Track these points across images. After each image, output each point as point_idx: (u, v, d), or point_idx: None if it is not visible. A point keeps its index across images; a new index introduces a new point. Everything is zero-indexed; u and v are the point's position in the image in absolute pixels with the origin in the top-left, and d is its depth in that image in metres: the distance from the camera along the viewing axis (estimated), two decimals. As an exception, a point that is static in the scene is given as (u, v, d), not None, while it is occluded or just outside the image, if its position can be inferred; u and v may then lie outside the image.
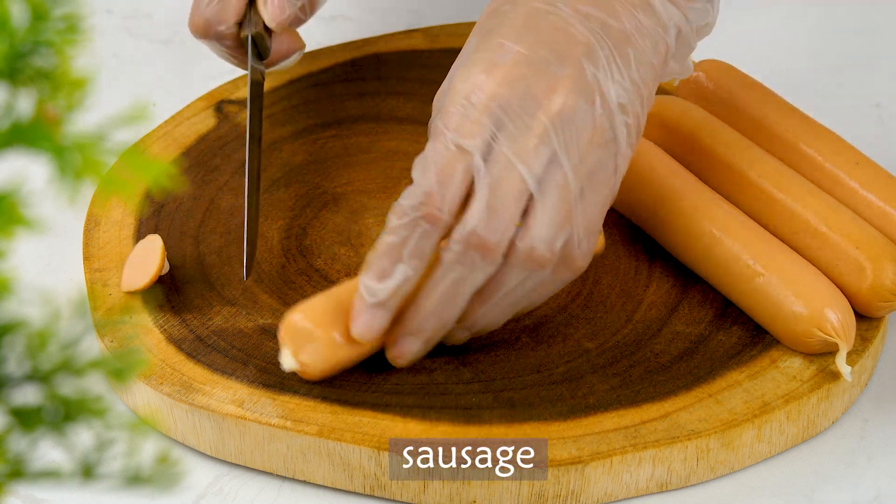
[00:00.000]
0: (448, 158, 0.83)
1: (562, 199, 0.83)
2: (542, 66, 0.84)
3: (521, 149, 0.83)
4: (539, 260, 0.84)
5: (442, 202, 0.83)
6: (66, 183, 0.51)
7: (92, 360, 0.54)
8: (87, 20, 0.52)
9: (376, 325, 0.85)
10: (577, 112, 0.83)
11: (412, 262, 0.83)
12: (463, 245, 0.83)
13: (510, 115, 0.83)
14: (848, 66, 1.18)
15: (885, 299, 0.91)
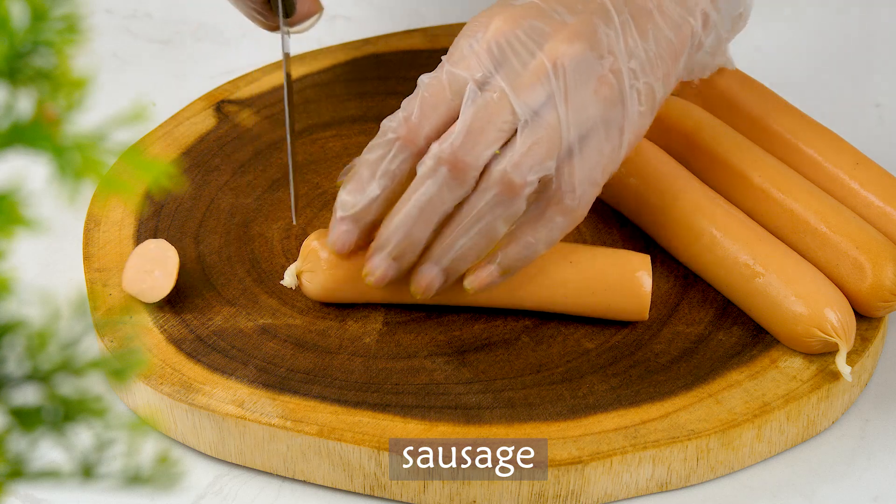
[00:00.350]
0: (437, 87, 0.85)
1: (547, 135, 0.84)
2: (552, 13, 0.85)
3: (517, 83, 0.84)
4: (509, 184, 0.84)
5: (419, 127, 0.85)
6: (66, 183, 0.51)
7: (92, 360, 0.54)
8: (87, 20, 0.52)
9: (346, 238, 0.88)
10: (582, 59, 0.84)
11: (382, 181, 0.86)
12: (435, 161, 0.84)
13: (512, 50, 0.84)
14: (848, 66, 1.18)
15: (885, 299, 0.91)
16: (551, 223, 0.86)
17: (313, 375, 0.89)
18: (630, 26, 0.85)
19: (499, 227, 0.86)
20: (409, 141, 0.85)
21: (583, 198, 0.85)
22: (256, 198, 1.01)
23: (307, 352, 0.91)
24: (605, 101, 0.85)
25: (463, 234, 0.86)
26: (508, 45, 0.84)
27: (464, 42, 0.86)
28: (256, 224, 0.99)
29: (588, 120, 0.84)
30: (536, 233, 0.86)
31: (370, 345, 0.91)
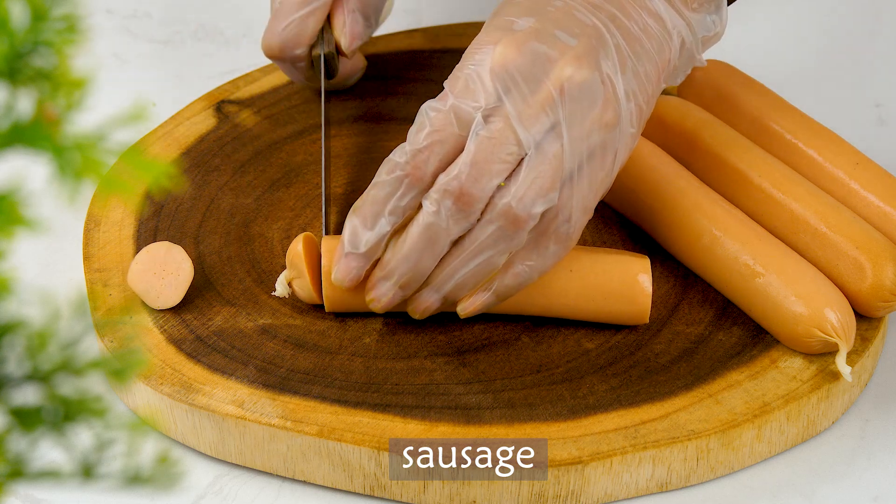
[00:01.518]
0: (443, 121, 0.85)
1: (551, 167, 0.84)
2: (553, 38, 0.84)
3: (523, 113, 0.83)
4: (513, 218, 0.84)
5: (426, 163, 0.85)
6: (66, 183, 0.51)
7: (92, 360, 0.54)
8: (87, 20, 0.52)
9: (353, 272, 0.88)
10: (587, 86, 0.84)
11: (391, 218, 0.86)
12: (441, 194, 0.84)
13: (517, 79, 0.84)
14: (848, 66, 1.18)
15: (884, 299, 0.91)
16: (545, 251, 0.86)
17: (313, 375, 0.89)
18: (623, 48, 0.86)
19: (500, 258, 0.86)
20: (417, 178, 0.85)
21: (576, 225, 0.86)
22: (256, 198, 1.01)
23: (307, 352, 0.91)
24: (603, 129, 0.85)
25: (464, 264, 0.87)
26: (514, 73, 0.84)
27: (467, 69, 0.85)
28: (256, 224, 0.99)
29: (588, 147, 0.84)
30: (530, 261, 0.87)
31: (370, 345, 0.91)
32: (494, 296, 0.88)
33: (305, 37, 1.02)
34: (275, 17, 1.02)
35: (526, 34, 0.85)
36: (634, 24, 0.86)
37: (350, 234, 0.87)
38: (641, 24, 0.86)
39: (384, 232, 0.86)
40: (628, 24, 0.86)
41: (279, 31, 1.02)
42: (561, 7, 0.86)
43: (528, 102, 0.83)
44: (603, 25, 0.85)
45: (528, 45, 0.84)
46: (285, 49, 1.02)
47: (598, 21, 0.85)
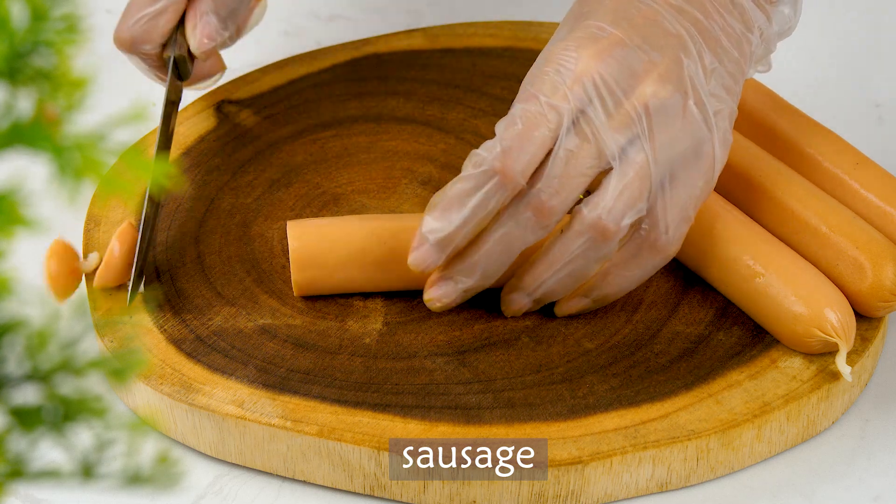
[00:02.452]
0: (534, 120, 0.85)
1: (638, 178, 0.84)
2: (639, 51, 0.85)
3: (606, 125, 0.84)
4: (602, 230, 0.85)
5: (517, 162, 0.85)
6: (66, 183, 0.51)
7: (92, 360, 0.54)
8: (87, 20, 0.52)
9: (430, 261, 0.88)
10: (669, 100, 0.85)
11: (475, 213, 0.86)
12: (524, 205, 0.85)
13: (601, 89, 0.84)
14: (848, 66, 1.18)
15: (884, 299, 0.91)
16: (644, 262, 0.88)
17: (313, 375, 0.89)
18: (705, 53, 0.86)
19: (591, 268, 0.87)
20: (507, 178, 0.85)
21: (675, 235, 0.87)
22: (256, 198, 1.01)
23: (307, 352, 0.91)
24: (692, 136, 0.85)
25: (554, 273, 0.88)
26: (599, 84, 0.84)
27: (551, 72, 0.85)
28: (256, 224, 0.99)
29: (677, 156, 0.85)
30: (628, 271, 0.88)
31: (370, 345, 0.91)
32: (592, 302, 0.90)
33: (156, 34, 1.00)
34: (127, 10, 1.01)
35: (612, 44, 0.85)
36: (716, 24, 0.87)
37: (430, 224, 0.87)
38: (722, 24, 0.87)
39: (466, 226, 0.86)
40: (709, 25, 0.86)
41: (129, 26, 1.00)
42: (646, 12, 0.86)
43: (612, 115, 0.84)
44: (686, 33, 0.86)
45: (614, 55, 0.85)
46: (135, 44, 1.00)
47: (682, 28, 0.86)
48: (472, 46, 1.14)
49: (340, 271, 0.92)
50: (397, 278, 0.93)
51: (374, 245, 0.92)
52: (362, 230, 0.92)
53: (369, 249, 0.92)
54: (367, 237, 0.92)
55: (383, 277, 0.93)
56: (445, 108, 1.08)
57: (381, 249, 0.92)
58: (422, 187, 1.02)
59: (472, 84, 1.10)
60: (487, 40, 1.14)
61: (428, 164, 1.04)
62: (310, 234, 0.92)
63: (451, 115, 1.08)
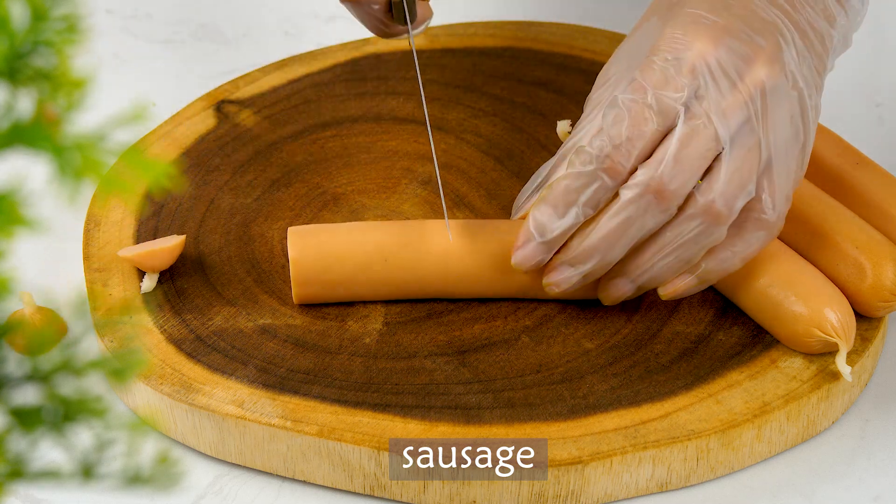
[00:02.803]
0: (643, 113, 0.85)
1: (748, 161, 0.85)
2: (745, 36, 0.85)
3: (721, 107, 0.84)
4: (716, 215, 0.85)
5: (627, 158, 0.85)
6: (66, 183, 0.51)
7: (92, 360, 0.54)
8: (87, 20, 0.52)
9: (536, 258, 0.89)
10: (779, 85, 0.85)
11: (585, 209, 0.86)
12: (642, 188, 0.85)
13: (715, 74, 0.85)
14: (848, 66, 1.18)
15: (884, 299, 0.91)
16: (751, 238, 0.87)
17: (313, 375, 0.89)
18: (798, 44, 0.87)
19: (699, 252, 0.87)
20: (616, 172, 0.85)
21: (779, 211, 0.87)
22: (256, 198, 1.01)
23: (307, 352, 0.91)
24: (793, 120, 0.86)
25: (663, 258, 0.88)
26: (714, 68, 0.85)
27: (662, 61, 0.85)
28: (256, 224, 0.99)
29: (780, 139, 0.85)
30: (735, 247, 0.88)
31: (370, 345, 0.91)
32: (697, 280, 0.89)
33: None
34: None
35: (719, 30, 0.85)
36: (802, 17, 0.87)
37: (538, 221, 0.87)
38: (807, 17, 0.87)
39: (576, 223, 0.87)
40: (797, 17, 0.87)
41: None
42: (742, 2, 0.86)
43: (727, 98, 0.84)
44: (780, 21, 0.86)
45: (724, 41, 0.85)
46: None
47: (776, 17, 0.86)
48: (472, 46, 1.14)
49: (342, 286, 0.92)
50: (399, 290, 0.93)
51: (377, 261, 0.91)
52: (365, 245, 0.92)
53: (372, 265, 0.91)
54: (369, 253, 0.91)
55: (385, 291, 0.93)
56: (445, 108, 1.08)
57: (383, 265, 0.92)
58: (422, 187, 1.02)
59: (472, 84, 1.10)
60: (487, 40, 1.14)
61: (428, 164, 1.04)
62: (310, 247, 0.92)
63: (451, 115, 1.08)
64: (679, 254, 0.87)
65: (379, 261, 0.91)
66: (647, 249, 0.88)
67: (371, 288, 0.92)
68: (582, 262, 0.88)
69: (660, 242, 0.87)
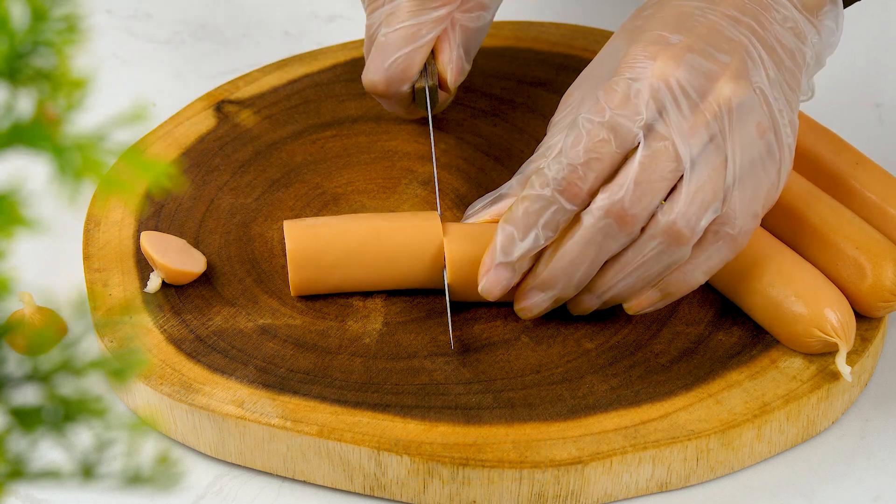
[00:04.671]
0: (602, 136, 0.84)
1: (712, 180, 0.84)
2: (708, 54, 0.85)
3: (683, 128, 0.84)
4: (677, 235, 0.85)
5: (584, 180, 0.85)
6: (66, 183, 0.51)
7: (92, 360, 0.54)
8: (87, 20, 0.52)
9: (503, 283, 0.89)
10: (746, 103, 0.85)
11: (545, 232, 0.87)
12: (604, 213, 0.85)
13: (676, 93, 0.84)
14: (848, 66, 1.18)
15: (884, 299, 0.91)
16: (713, 253, 0.87)
17: (313, 375, 0.89)
18: (766, 61, 0.86)
19: (663, 271, 0.87)
20: (574, 195, 0.85)
21: (743, 229, 0.86)
22: (256, 198, 1.01)
23: (307, 352, 0.91)
24: (763, 137, 0.85)
25: (626, 277, 0.88)
26: (675, 87, 0.84)
27: (623, 83, 0.85)
28: (256, 224, 0.99)
29: (748, 157, 0.85)
30: (697, 261, 0.87)
31: (370, 345, 0.91)
32: (661, 294, 0.89)
33: (412, 72, 0.99)
34: (379, 51, 0.99)
35: (683, 48, 0.85)
36: (770, 35, 0.87)
37: (504, 244, 0.87)
38: (775, 35, 0.87)
39: (536, 245, 0.87)
40: (765, 35, 0.86)
41: (385, 67, 0.98)
42: (706, 22, 0.86)
43: (688, 118, 0.84)
44: (747, 39, 0.86)
45: (686, 59, 0.84)
46: (391, 86, 0.99)
47: (742, 35, 0.86)
48: (472, 46, 1.14)
49: (338, 270, 0.92)
50: (395, 277, 0.93)
51: (372, 242, 0.92)
52: (359, 228, 0.92)
53: (367, 247, 0.92)
54: (364, 235, 0.92)
55: (381, 276, 0.93)
56: (445, 108, 1.08)
57: (378, 247, 0.92)
58: (422, 187, 1.02)
59: (472, 84, 1.10)
60: (487, 40, 1.14)
61: (428, 164, 1.04)
62: (306, 234, 0.92)
63: (452, 115, 1.08)
64: (641, 273, 0.87)
65: (374, 241, 0.91)
66: (610, 269, 0.88)
67: (367, 272, 0.92)
68: (550, 287, 0.88)
69: (622, 262, 0.87)
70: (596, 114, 0.85)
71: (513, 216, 0.87)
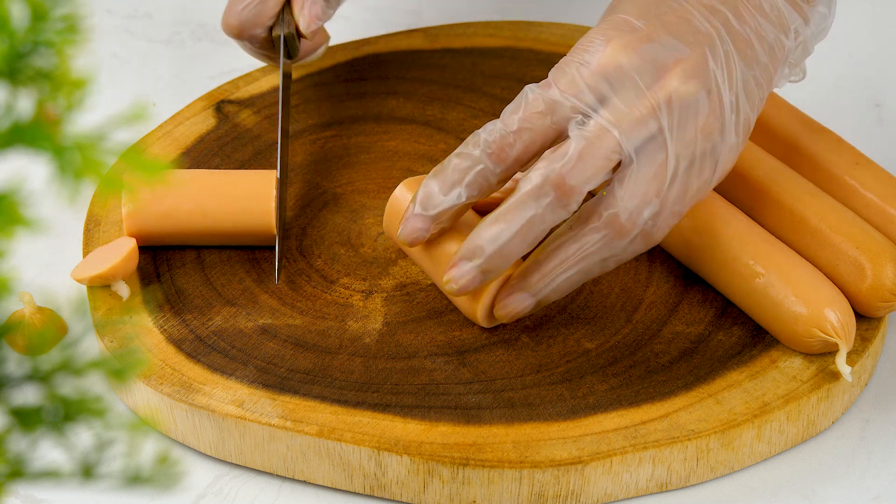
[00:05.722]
0: (541, 109, 0.85)
1: (656, 176, 0.84)
2: (665, 46, 0.85)
3: (625, 117, 0.84)
4: (620, 229, 0.85)
5: (512, 147, 0.85)
6: (66, 183, 0.51)
7: (92, 360, 0.54)
8: (87, 20, 0.52)
9: (418, 233, 0.88)
10: (693, 99, 0.85)
11: (467, 190, 0.86)
12: (542, 179, 0.84)
13: (624, 83, 0.84)
14: (848, 66, 1.18)
15: (884, 299, 0.91)
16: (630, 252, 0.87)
17: (313, 375, 0.89)
18: (733, 57, 0.86)
19: (599, 266, 0.87)
20: (500, 159, 0.85)
21: (661, 226, 0.86)
22: (256, 198, 1.01)
23: (307, 352, 0.91)
24: (708, 137, 0.85)
25: (565, 271, 0.87)
26: (621, 75, 0.84)
27: (574, 64, 0.85)
28: (256, 224, 0.99)
29: (688, 156, 0.85)
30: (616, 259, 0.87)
31: (370, 345, 0.91)
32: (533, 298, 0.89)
33: (265, 17, 1.02)
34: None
35: (638, 37, 0.85)
36: (748, 27, 0.86)
37: (424, 196, 0.87)
38: (754, 27, 0.87)
39: (458, 202, 0.87)
40: (741, 28, 0.86)
41: (238, 11, 1.02)
42: (677, 10, 0.86)
43: (632, 107, 0.84)
44: (716, 32, 0.86)
45: (639, 49, 0.85)
46: (244, 29, 1.02)
47: (712, 27, 0.86)
48: (472, 46, 1.14)
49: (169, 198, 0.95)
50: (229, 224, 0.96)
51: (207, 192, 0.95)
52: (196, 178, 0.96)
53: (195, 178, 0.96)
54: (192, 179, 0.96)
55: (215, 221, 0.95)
56: (445, 108, 1.08)
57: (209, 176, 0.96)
58: (422, 187, 1.02)
59: (472, 84, 1.10)
60: (487, 40, 1.14)
61: (428, 164, 1.04)
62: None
63: (451, 115, 1.08)
64: (581, 267, 0.87)
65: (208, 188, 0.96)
66: (549, 262, 0.87)
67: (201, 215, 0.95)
68: (480, 254, 0.86)
69: (562, 255, 0.87)
70: (541, 87, 0.86)
71: (441, 171, 0.87)
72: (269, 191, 0.96)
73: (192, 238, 0.96)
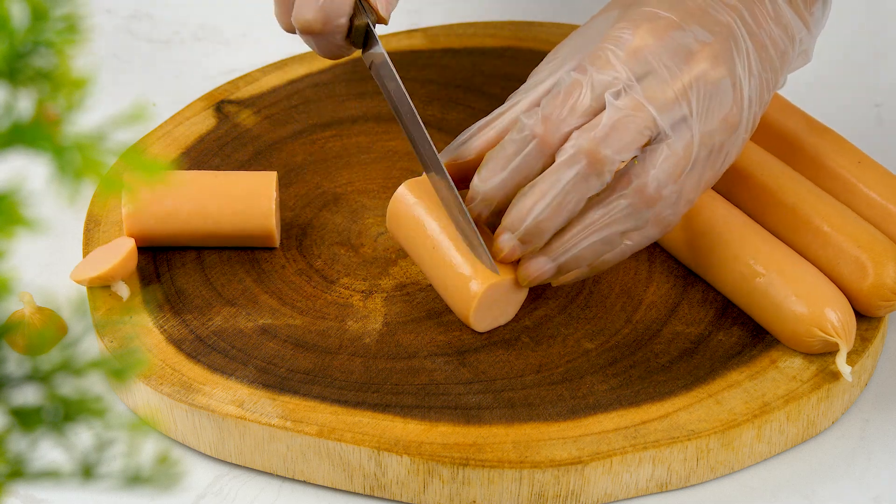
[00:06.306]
0: (580, 89, 0.86)
1: (684, 155, 0.86)
2: (692, 32, 0.86)
3: (657, 97, 0.85)
4: (647, 198, 0.85)
5: (557, 129, 0.86)
6: (66, 183, 0.51)
7: (92, 360, 0.54)
8: (87, 20, 0.52)
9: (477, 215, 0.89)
10: (720, 85, 0.86)
11: (514, 174, 0.87)
12: (576, 150, 0.85)
13: (655, 65, 0.86)
14: (848, 65, 1.18)
15: (885, 299, 0.91)
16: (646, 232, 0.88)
17: (313, 375, 0.89)
18: (752, 54, 0.88)
19: (622, 236, 0.87)
20: (545, 142, 0.86)
21: (678, 213, 0.87)
22: (256, 198, 1.01)
23: (307, 352, 0.91)
24: (727, 129, 0.87)
25: (588, 237, 0.87)
26: (652, 58, 0.86)
27: (607, 49, 0.87)
28: (256, 224, 0.99)
29: (710, 145, 0.86)
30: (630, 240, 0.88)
31: (370, 345, 0.91)
32: (589, 269, 0.89)
33: (346, 5, 0.94)
34: None
35: (667, 23, 0.87)
36: (763, 31, 0.88)
37: (475, 184, 0.89)
38: (768, 32, 0.88)
39: (506, 185, 0.88)
40: (757, 29, 0.88)
41: (317, 3, 0.93)
42: (699, 3, 0.88)
43: (663, 89, 0.85)
44: (735, 25, 0.87)
45: (668, 34, 0.86)
46: (328, 20, 0.94)
47: (731, 20, 0.87)
48: (472, 46, 1.14)
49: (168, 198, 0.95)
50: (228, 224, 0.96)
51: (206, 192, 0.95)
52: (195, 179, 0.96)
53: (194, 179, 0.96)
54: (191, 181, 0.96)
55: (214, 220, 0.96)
56: (445, 108, 1.08)
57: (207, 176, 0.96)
58: (422, 187, 1.02)
59: (472, 84, 1.10)
60: (487, 40, 1.14)
61: (428, 164, 1.04)
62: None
63: (451, 115, 1.08)
64: (603, 234, 0.87)
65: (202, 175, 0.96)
66: (573, 227, 0.87)
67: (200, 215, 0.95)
68: (518, 224, 0.87)
69: (586, 220, 0.87)
70: (577, 71, 0.87)
71: (487, 160, 0.88)
72: (269, 192, 0.96)
73: (191, 239, 0.96)
